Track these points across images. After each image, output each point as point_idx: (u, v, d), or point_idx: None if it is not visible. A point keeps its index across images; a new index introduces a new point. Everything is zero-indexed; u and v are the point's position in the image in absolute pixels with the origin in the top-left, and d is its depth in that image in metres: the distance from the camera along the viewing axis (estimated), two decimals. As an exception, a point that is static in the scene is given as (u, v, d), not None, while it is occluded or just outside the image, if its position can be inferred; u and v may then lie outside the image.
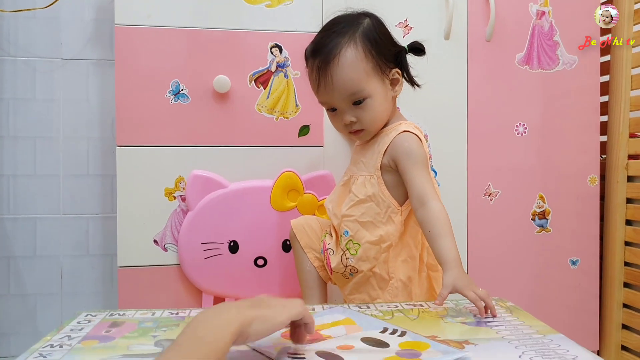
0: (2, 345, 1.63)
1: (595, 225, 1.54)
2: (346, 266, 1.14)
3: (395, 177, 1.10)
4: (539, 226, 1.51)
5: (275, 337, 0.80)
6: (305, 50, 1.12)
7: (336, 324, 0.85)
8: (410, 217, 1.11)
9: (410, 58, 1.15)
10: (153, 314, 0.92)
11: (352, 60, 1.05)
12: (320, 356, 0.72)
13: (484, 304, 0.88)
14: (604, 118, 1.56)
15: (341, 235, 1.14)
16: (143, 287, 1.36)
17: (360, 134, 1.12)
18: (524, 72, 1.50)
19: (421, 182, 1.04)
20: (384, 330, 0.82)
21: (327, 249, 1.18)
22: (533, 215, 1.51)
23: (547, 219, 1.52)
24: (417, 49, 1.14)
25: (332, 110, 1.11)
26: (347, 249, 1.13)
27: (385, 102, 1.10)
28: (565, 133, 1.52)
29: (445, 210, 1.02)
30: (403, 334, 0.80)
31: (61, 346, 0.76)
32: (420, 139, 1.10)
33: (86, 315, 0.91)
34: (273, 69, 1.39)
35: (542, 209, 1.51)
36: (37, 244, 1.64)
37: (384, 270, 1.11)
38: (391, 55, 1.11)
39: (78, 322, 0.88)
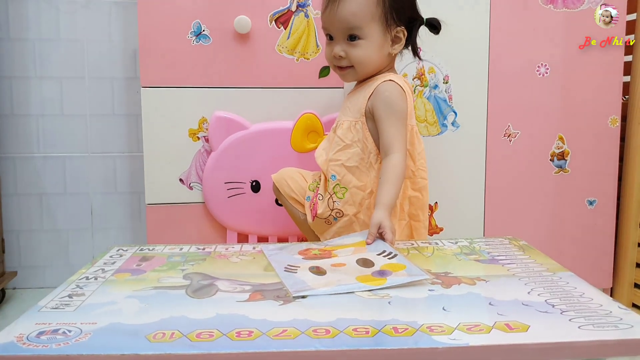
0: (37, 277, 1.72)
1: (614, 166, 1.54)
2: (332, 209, 1.14)
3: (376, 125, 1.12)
4: (558, 167, 1.52)
5: (293, 252, 0.91)
6: None
7: (350, 246, 0.94)
8: None
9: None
10: (181, 249, 0.97)
11: None
12: (310, 271, 0.82)
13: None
14: (628, 58, 1.54)
15: (328, 180, 1.15)
16: (170, 223, 1.41)
17: (345, 72, 1.15)
18: (547, 12, 1.47)
19: (392, 133, 1.08)
20: (381, 253, 0.89)
21: (317, 194, 1.19)
22: (552, 156, 1.52)
23: (566, 160, 1.52)
24: (433, 25, 1.17)
25: (329, 38, 1.15)
26: (334, 192, 1.14)
27: (378, 52, 1.12)
28: (587, 74, 1.50)
29: (404, 163, 1.06)
30: (394, 256, 0.87)
31: (96, 278, 0.82)
32: (403, 91, 1.11)
33: (118, 250, 0.97)
34: (293, 8, 1.38)
35: (561, 150, 1.51)
36: (67, 181, 1.70)
37: (367, 216, 1.12)
38: (404, 17, 1.13)
39: (110, 256, 0.93)
